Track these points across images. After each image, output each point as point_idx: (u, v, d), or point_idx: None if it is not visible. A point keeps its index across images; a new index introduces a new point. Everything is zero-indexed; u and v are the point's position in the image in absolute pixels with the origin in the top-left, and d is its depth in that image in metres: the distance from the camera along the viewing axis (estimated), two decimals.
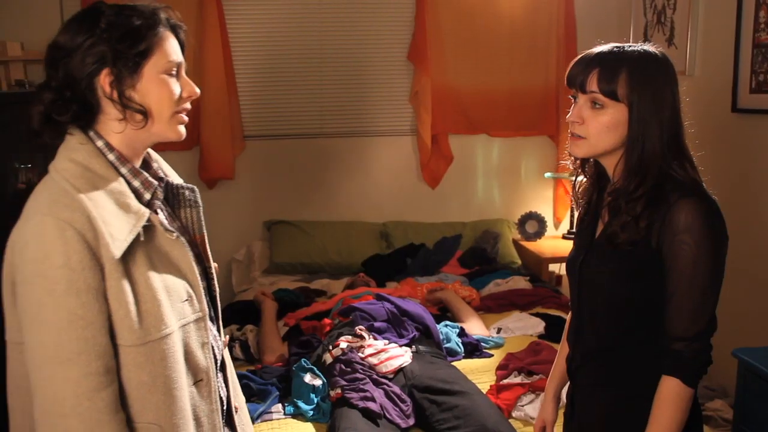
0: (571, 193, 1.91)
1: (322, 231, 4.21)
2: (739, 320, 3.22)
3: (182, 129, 1.40)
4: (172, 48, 1.37)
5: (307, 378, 2.60)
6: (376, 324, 2.88)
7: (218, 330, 1.54)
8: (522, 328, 3.30)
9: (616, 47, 1.53)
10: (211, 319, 1.50)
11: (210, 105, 4.00)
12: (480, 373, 2.84)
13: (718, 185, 3.37)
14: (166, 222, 1.39)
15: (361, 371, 2.57)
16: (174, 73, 1.37)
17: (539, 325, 3.31)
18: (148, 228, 1.33)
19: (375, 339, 2.78)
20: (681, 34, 3.66)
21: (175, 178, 1.52)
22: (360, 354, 2.68)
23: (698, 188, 1.46)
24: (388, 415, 2.39)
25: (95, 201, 1.26)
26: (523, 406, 2.55)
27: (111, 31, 1.30)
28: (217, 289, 1.53)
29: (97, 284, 1.24)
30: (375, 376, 2.57)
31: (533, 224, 4.49)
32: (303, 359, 2.71)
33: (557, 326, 3.29)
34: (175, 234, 1.37)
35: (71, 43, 1.30)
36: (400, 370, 2.62)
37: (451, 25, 4.31)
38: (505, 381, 2.72)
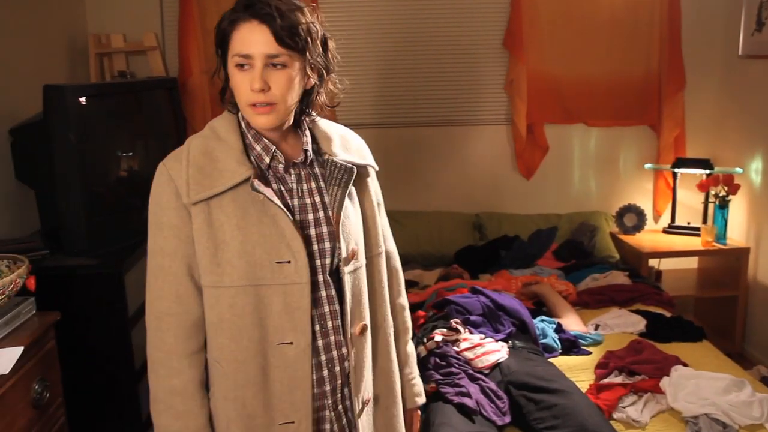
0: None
1: (415, 221, 4.17)
2: None
3: (259, 119, 1.42)
4: (241, 40, 1.37)
5: None
6: (472, 318, 2.83)
7: (342, 313, 1.53)
8: (621, 325, 3.18)
9: None
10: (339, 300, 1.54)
11: None
12: (578, 370, 2.75)
13: None
14: (255, 183, 1.42)
15: (456, 366, 2.52)
16: (243, 66, 1.38)
17: (640, 323, 3.18)
18: (249, 188, 1.42)
19: (470, 333, 2.73)
20: None
21: (347, 157, 1.55)
22: (455, 348, 2.63)
23: None
24: (483, 412, 2.33)
25: (195, 155, 1.44)
26: (624, 407, 2.46)
27: (220, 22, 1.42)
28: (346, 272, 1.51)
29: (178, 223, 1.43)
30: (470, 371, 2.52)
31: (632, 217, 4.32)
32: None
33: (659, 324, 3.16)
34: (261, 196, 1.41)
35: None
36: (496, 366, 2.56)
37: (548, 10, 4.18)
38: (606, 380, 2.62)
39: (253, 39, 1.36)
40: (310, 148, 1.53)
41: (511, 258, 3.97)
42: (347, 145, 1.60)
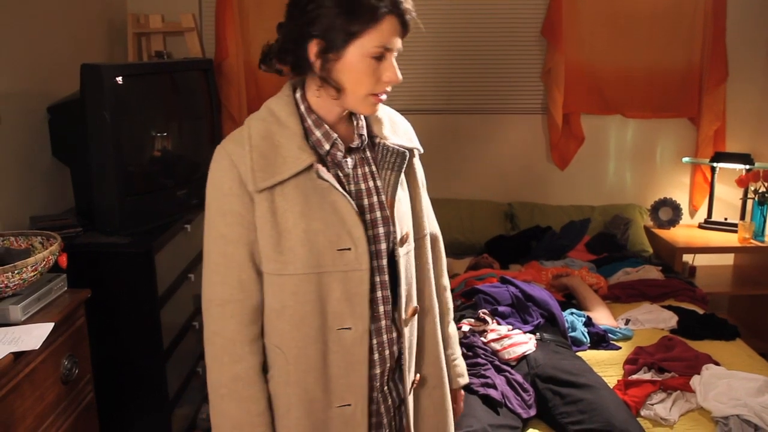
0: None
1: (446, 209, 4.15)
2: None
3: (375, 107, 1.46)
4: (387, 32, 1.37)
5: None
6: (500, 308, 2.81)
7: (396, 298, 1.55)
8: (652, 320, 3.14)
9: None
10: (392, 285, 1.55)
11: None
12: (606, 365, 2.72)
13: None
14: (320, 170, 1.42)
15: (482, 356, 2.51)
16: (379, 56, 1.38)
17: (671, 319, 3.13)
18: (310, 174, 1.42)
19: (498, 324, 2.71)
20: None
21: (397, 140, 1.55)
22: (482, 338, 2.61)
23: None
24: (509, 404, 2.32)
25: (257, 140, 1.41)
26: (653, 404, 2.42)
27: (337, 2, 1.34)
28: (401, 256, 1.53)
29: (241, 210, 1.41)
30: (497, 363, 2.50)
31: (667, 211, 4.25)
32: None
33: (691, 321, 3.11)
34: (326, 183, 1.42)
35: (302, 6, 1.37)
36: (523, 358, 2.54)
37: None
38: (634, 377, 2.59)
39: (397, 35, 1.40)
40: (365, 132, 1.53)
41: (542, 249, 3.93)
42: (396, 128, 1.59)
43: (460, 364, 1.85)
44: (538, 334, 2.69)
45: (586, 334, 2.89)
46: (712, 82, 4.14)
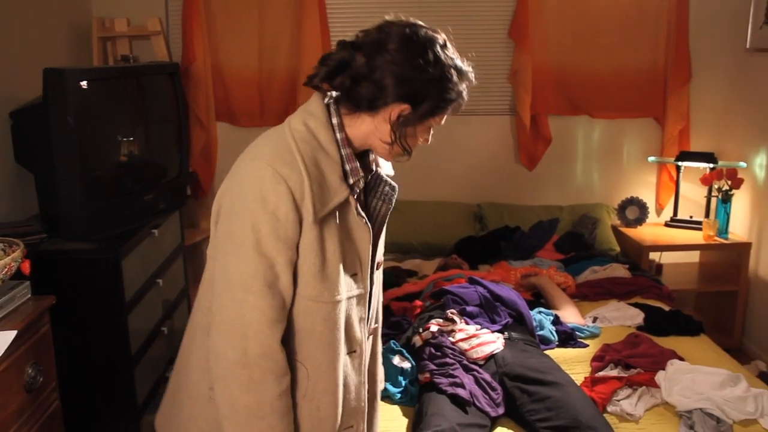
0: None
1: (416, 210, 4.17)
2: None
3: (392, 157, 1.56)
4: (444, 117, 1.50)
5: (396, 360, 2.58)
6: (468, 308, 2.82)
7: (368, 318, 1.64)
8: (619, 318, 3.18)
9: None
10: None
11: None
12: (574, 363, 2.75)
13: None
14: (358, 206, 1.51)
15: (451, 356, 2.52)
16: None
17: (638, 316, 3.17)
18: (344, 205, 1.47)
19: (466, 323, 2.72)
20: None
21: (387, 170, 1.65)
22: (450, 338, 2.62)
23: None
24: (477, 403, 2.33)
25: (311, 166, 1.41)
26: (619, 400, 2.45)
27: (437, 85, 1.43)
28: (375, 282, 1.65)
29: (293, 236, 1.41)
30: (465, 362, 2.51)
31: (634, 210, 4.31)
32: (392, 341, 2.68)
33: (657, 318, 3.15)
34: (364, 219, 1.50)
35: (401, 60, 1.42)
36: (491, 357, 2.55)
37: (554, 1, 4.15)
38: (601, 373, 2.62)
39: None
40: (374, 166, 1.60)
41: (511, 249, 3.96)
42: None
43: (381, 371, 1.94)
44: (506, 333, 2.71)
45: (554, 333, 2.91)
46: (676, 82, 4.21)
